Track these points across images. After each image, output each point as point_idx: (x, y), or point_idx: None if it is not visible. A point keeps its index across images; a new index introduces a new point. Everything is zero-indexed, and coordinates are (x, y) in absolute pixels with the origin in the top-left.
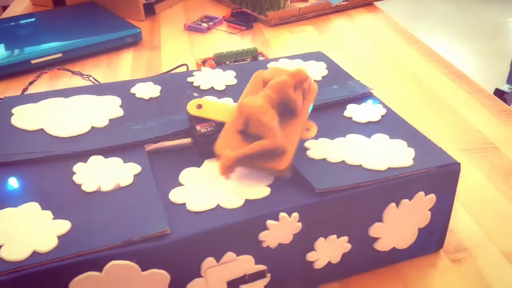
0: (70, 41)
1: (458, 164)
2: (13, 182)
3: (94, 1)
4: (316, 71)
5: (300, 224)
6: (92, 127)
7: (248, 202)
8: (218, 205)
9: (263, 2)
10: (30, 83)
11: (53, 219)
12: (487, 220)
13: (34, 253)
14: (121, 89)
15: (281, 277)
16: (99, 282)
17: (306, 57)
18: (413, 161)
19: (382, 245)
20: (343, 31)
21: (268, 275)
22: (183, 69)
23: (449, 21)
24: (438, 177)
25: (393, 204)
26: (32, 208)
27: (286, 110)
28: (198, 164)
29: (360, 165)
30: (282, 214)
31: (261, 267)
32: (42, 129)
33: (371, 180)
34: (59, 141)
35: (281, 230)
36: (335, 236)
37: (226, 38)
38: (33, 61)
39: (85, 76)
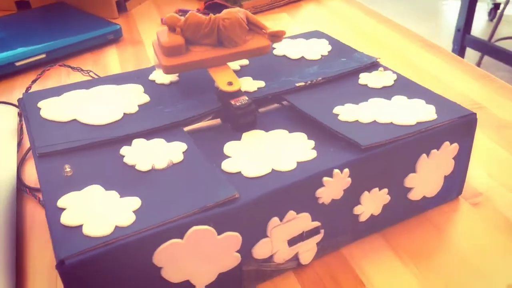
0: (53, 41)
1: (475, 114)
2: (67, 169)
3: (63, 1)
4: (321, 47)
5: (349, 179)
6: (124, 113)
7: (300, 164)
8: (272, 169)
9: None
10: (33, 82)
11: (120, 197)
12: (491, 167)
13: (117, 228)
14: (139, 77)
15: (332, 233)
16: (181, 248)
17: (307, 36)
18: (437, 115)
19: (415, 195)
20: (316, 15)
21: (322, 231)
22: None
23: (387, 6)
24: (459, 127)
25: (424, 155)
26: (96, 190)
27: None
28: (237, 138)
29: (391, 123)
30: (336, 171)
31: (316, 223)
32: (75, 120)
33: (406, 134)
34: (97, 128)
35: (334, 186)
36: (377, 189)
37: None
38: (17, 63)
39: (85, 72)
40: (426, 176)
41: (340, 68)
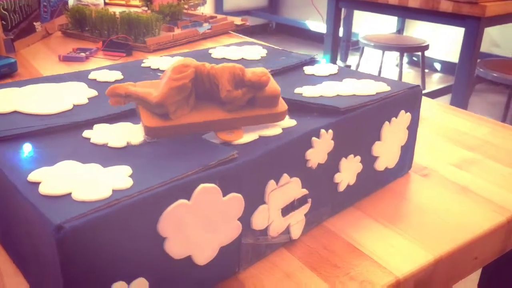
0: None
1: (419, 86)
2: (28, 149)
3: None
4: (258, 50)
5: (333, 142)
6: (74, 104)
7: (285, 129)
8: (260, 136)
9: (138, 31)
10: None
11: (104, 167)
12: (424, 148)
13: (115, 191)
14: (77, 77)
15: (316, 202)
16: (188, 211)
17: (238, 44)
18: (390, 88)
19: (380, 165)
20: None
21: (309, 200)
22: None
23: None
24: (410, 97)
25: (386, 122)
26: (71, 164)
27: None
28: None
29: (354, 94)
30: (322, 131)
31: (305, 191)
32: (16, 111)
33: (372, 100)
34: (46, 117)
35: (321, 147)
36: (352, 155)
37: (111, 64)
38: None
39: None
40: (388, 144)
41: (284, 63)
